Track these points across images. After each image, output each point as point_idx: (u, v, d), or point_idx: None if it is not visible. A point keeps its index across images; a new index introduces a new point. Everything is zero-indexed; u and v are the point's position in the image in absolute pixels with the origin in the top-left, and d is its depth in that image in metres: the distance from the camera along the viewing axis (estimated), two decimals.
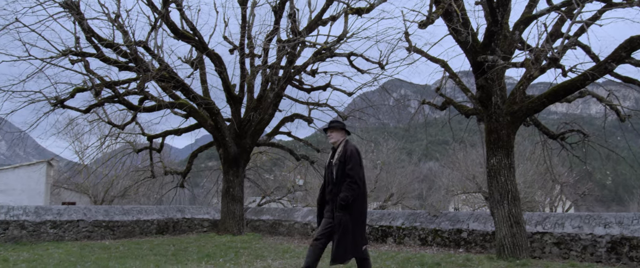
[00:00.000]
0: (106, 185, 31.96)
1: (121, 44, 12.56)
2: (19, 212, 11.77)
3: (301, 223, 13.84)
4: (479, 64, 8.90)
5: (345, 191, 6.44)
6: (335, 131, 6.89)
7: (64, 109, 13.59)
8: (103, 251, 10.21)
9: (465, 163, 35.34)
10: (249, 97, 14.67)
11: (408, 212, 12.75)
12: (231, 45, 14.57)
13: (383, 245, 11.75)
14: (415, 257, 9.37)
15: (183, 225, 14.29)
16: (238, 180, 14.33)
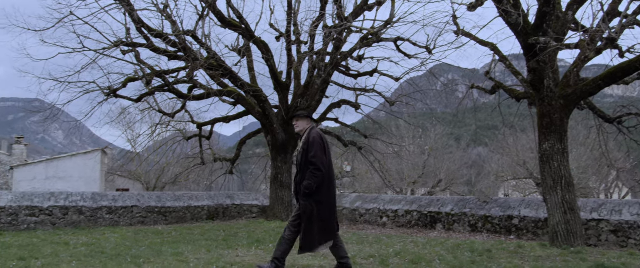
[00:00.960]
0: (158, 172, 32.76)
1: (170, 34, 12.77)
2: (77, 198, 12.19)
3: (349, 209, 13.86)
4: (530, 46, 8.65)
5: (308, 179, 6.40)
6: (299, 120, 6.86)
7: (116, 98, 13.96)
8: (156, 236, 10.48)
9: (515, 149, 34.62)
10: (296, 84, 14.72)
11: (457, 198, 12.60)
12: (277, 32, 14.61)
13: (432, 232, 11.66)
14: (465, 243, 9.26)
15: (233, 211, 14.52)
16: (286, 166, 14.43)
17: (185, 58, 12.94)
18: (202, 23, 13.04)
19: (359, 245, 9.23)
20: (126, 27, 12.96)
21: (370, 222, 13.26)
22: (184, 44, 12.74)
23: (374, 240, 10.03)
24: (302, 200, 6.49)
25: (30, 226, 11.34)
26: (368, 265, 7.11)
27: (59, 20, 12.40)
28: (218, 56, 13.17)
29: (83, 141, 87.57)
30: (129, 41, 13.01)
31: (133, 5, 12.58)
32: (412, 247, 8.96)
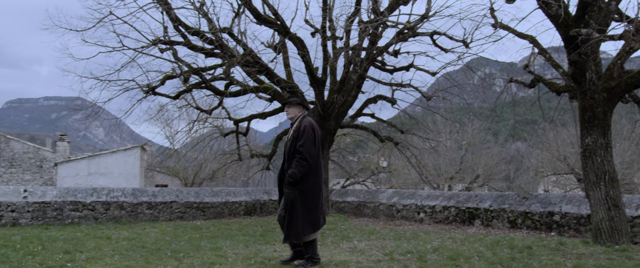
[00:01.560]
0: (195, 168, 33.19)
1: (207, 32, 12.91)
2: (118, 193, 12.46)
3: (386, 204, 13.80)
4: (571, 38, 8.44)
5: (294, 167, 6.36)
6: (292, 107, 6.81)
7: (155, 95, 14.18)
8: (195, 231, 10.62)
9: (555, 144, 33.86)
10: (331, 80, 14.70)
11: (496, 193, 12.42)
12: (312, 28, 14.61)
13: (470, 228, 11.53)
14: (505, 239, 9.12)
15: (270, 206, 14.61)
16: (323, 162, 14.43)
17: (222, 55, 13.07)
18: (238, 20, 13.14)
19: (396, 241, 9.19)
20: (164, 25, 13.15)
21: (407, 217, 13.18)
22: (220, 41, 12.85)
23: (412, 235, 9.97)
24: (285, 189, 6.47)
25: (74, 220, 11.64)
26: (406, 261, 7.06)
27: (99, 20, 12.67)
28: (254, 53, 13.25)
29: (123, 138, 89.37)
30: (166, 39, 13.20)
31: (170, 4, 12.75)
32: (450, 243, 8.88)
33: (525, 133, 55.15)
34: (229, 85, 14.40)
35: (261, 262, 6.89)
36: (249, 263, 6.81)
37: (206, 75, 13.98)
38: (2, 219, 11.00)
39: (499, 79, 16.36)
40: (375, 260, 7.23)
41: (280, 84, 13.70)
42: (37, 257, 6.85)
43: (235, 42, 13.23)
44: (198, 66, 13.89)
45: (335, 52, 14.41)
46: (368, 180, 36.62)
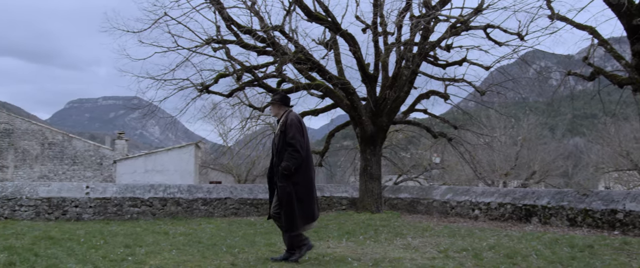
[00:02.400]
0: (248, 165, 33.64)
1: (259, 30, 13.05)
2: (174, 190, 12.75)
3: (440, 201, 13.63)
4: (634, 28, 8.12)
5: (287, 160, 6.33)
6: (274, 106, 6.81)
7: (209, 94, 14.44)
8: (249, 227, 10.76)
9: (617, 139, 32.66)
10: (383, 76, 14.61)
11: (554, 190, 12.06)
12: (363, 24, 14.56)
13: (527, 225, 11.24)
14: (564, 238, 8.84)
15: (322, 203, 14.65)
16: (375, 158, 14.39)
17: (274, 53, 13.18)
18: (289, 18, 13.22)
19: (450, 238, 9.06)
20: (216, 24, 13.36)
21: (461, 214, 12.98)
22: (272, 39, 12.97)
23: (466, 233, 9.81)
24: (279, 182, 6.44)
25: (133, 216, 11.99)
26: (461, 259, 6.95)
27: (154, 21, 12.99)
28: (306, 50, 13.31)
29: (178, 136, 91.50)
30: (219, 38, 13.41)
31: (222, 3, 12.94)
32: (506, 240, 8.68)
33: (584, 128, 53.48)
34: (281, 82, 14.52)
35: (315, 258, 6.91)
36: (303, 259, 6.84)
37: (258, 73, 14.14)
38: (67, 214, 11.44)
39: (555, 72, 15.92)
40: (430, 257, 7.14)
41: (332, 81, 13.72)
42: (100, 251, 7.09)
43: (287, 39, 13.33)
44: (250, 64, 14.05)
45: (386, 48, 14.32)
46: (420, 177, 36.28)
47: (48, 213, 11.36)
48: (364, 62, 14.25)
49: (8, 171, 38.37)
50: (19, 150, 38.88)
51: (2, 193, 11.21)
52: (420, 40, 13.72)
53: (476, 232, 10.00)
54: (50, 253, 6.72)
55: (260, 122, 19.79)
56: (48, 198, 11.45)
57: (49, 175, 38.63)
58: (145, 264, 6.29)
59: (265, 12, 13.18)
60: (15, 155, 38.78)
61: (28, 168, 38.75)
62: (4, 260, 6.10)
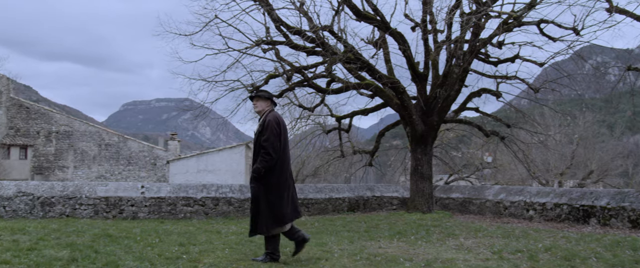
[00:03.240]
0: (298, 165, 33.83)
1: (308, 30, 13.10)
2: (226, 189, 12.95)
3: (492, 201, 13.38)
4: None
5: (258, 163, 6.32)
6: (260, 100, 6.69)
7: None
8: (300, 226, 10.80)
9: None
10: (434, 74, 14.44)
11: (613, 190, 11.64)
12: (412, 22, 14.43)
13: (585, 227, 10.89)
14: (626, 240, 8.52)
15: (373, 202, 14.61)
16: (426, 157, 14.24)
17: (323, 53, 13.21)
18: (337, 18, 13.23)
19: (504, 239, 8.88)
20: (266, 26, 13.49)
21: (515, 215, 12.70)
22: (321, 39, 13.00)
23: (521, 234, 9.59)
24: (250, 183, 6.47)
25: (186, 215, 12.24)
26: (516, 260, 6.80)
27: (205, 24, 13.22)
28: (355, 49, 13.29)
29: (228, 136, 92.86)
30: (269, 40, 13.53)
31: (272, 5, 13.06)
32: (563, 242, 8.44)
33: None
34: (330, 82, 14.54)
35: (367, 258, 6.90)
36: (355, 259, 6.84)
37: (308, 74, 14.20)
38: (123, 213, 11.78)
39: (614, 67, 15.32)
40: (484, 258, 7.02)
41: (381, 80, 13.65)
42: (156, 249, 7.27)
43: (336, 39, 13.34)
44: (300, 64, 14.12)
45: (436, 46, 14.16)
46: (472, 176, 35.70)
47: (106, 211, 11.73)
48: (414, 61, 14.12)
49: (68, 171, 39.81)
50: (78, 151, 40.28)
51: (64, 193, 11.64)
52: (471, 38, 13.49)
53: (531, 233, 9.76)
54: (109, 251, 6.93)
55: (310, 122, 19.88)
56: (106, 198, 11.82)
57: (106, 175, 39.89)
58: (199, 262, 6.41)
59: (314, 12, 13.24)
60: (74, 155, 40.21)
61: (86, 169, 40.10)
62: (67, 256, 6.34)
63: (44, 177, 38.72)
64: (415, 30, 14.53)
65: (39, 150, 39.60)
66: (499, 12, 13.18)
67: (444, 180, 33.92)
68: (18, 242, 7.46)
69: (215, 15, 13.11)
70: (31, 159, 39.26)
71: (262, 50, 13.76)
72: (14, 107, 39.77)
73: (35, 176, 38.77)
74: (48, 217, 11.21)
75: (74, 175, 39.50)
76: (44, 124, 40.02)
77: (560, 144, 36.69)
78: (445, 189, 15.75)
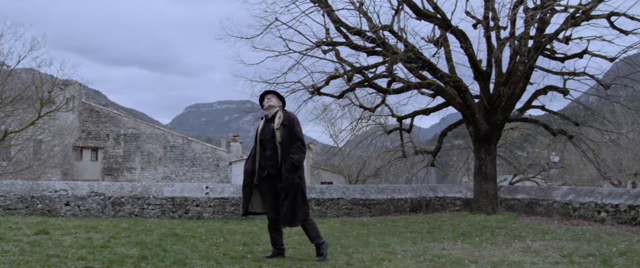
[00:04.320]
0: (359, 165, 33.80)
1: (368, 31, 13.05)
2: None
3: (561, 202, 12.92)
4: None
5: (296, 153, 6.46)
6: (274, 96, 6.86)
7: (320, 96, 14.65)
8: (362, 227, 10.79)
9: None
10: (497, 72, 14.10)
11: None
12: (474, 19, 14.14)
13: None
14: None
15: (435, 203, 14.41)
16: (490, 157, 13.92)
17: (384, 53, 13.13)
18: (397, 17, 13.13)
19: (574, 242, 8.56)
20: (325, 27, 13.55)
21: (585, 217, 12.22)
22: (381, 39, 12.93)
23: (592, 237, 9.22)
24: (287, 174, 6.42)
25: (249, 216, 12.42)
26: (587, 264, 6.55)
27: (266, 26, 13.41)
28: (416, 49, 13.15)
29: None
30: (329, 41, 13.58)
31: (331, 6, 13.09)
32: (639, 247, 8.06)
33: None
34: (391, 82, 14.45)
35: (430, 260, 6.80)
36: (418, 260, 6.76)
37: (368, 74, 14.15)
38: (189, 213, 12.08)
39: None
40: (552, 262, 6.79)
41: (443, 79, 13.44)
42: (221, 248, 7.41)
43: (396, 39, 13.23)
44: (360, 65, 14.10)
45: (500, 43, 13.82)
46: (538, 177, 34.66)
47: (172, 211, 12.06)
48: (476, 59, 13.84)
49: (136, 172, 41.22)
50: (144, 152, 41.64)
51: (133, 193, 12.04)
52: (536, 33, 13.10)
53: (603, 236, 9.37)
54: (176, 249, 7.12)
55: (370, 122, 19.82)
56: (172, 198, 12.15)
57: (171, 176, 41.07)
58: (264, 262, 6.49)
59: (373, 12, 13.18)
60: (141, 157, 41.59)
61: (153, 170, 41.41)
62: (137, 254, 6.56)
63: (114, 177, 40.27)
64: (476, 27, 14.24)
65: (108, 152, 41.21)
66: (565, 6, 12.75)
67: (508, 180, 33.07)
68: (92, 240, 7.78)
69: (276, 17, 13.28)
70: (101, 161, 40.92)
71: (323, 51, 13.83)
72: (86, 111, 41.58)
73: (105, 177, 40.40)
74: (118, 216, 11.62)
75: (141, 176, 40.89)
76: (113, 127, 41.64)
77: (634, 143, 35.05)
78: (510, 190, 15.34)
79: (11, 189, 11.52)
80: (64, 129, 35.91)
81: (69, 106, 37.66)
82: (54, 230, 8.59)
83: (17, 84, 24.36)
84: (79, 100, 40.83)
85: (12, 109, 23.34)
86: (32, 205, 11.40)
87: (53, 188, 11.73)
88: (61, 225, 9.34)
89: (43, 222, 9.85)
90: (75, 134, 39.72)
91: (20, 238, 7.71)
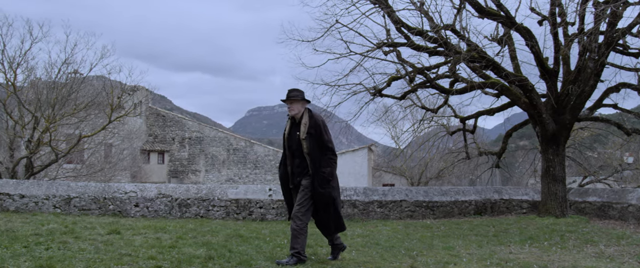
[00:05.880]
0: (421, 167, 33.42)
1: (429, 30, 12.87)
2: (350, 192, 13.05)
3: (637, 206, 12.32)
4: None
5: (327, 165, 6.40)
6: (296, 102, 6.47)
7: (381, 97, 14.57)
8: (425, 230, 10.64)
9: None
10: (565, 70, 13.59)
11: None
12: (539, 16, 13.70)
13: None
14: None
15: (501, 206, 14.03)
16: (558, 159, 13.44)
17: (446, 53, 12.92)
18: (459, 16, 12.88)
19: None
20: (386, 28, 13.45)
21: None
22: (444, 39, 12.72)
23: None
24: (321, 189, 6.32)
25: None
26: None
27: (326, 29, 13.45)
28: (479, 48, 12.87)
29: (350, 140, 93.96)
30: (390, 42, 13.47)
31: (392, 6, 12.99)
32: None
33: None
34: (454, 82, 14.20)
35: (497, 264, 6.64)
36: (485, 264, 6.61)
37: (430, 74, 13.96)
38: (252, 214, 12.26)
39: None
40: None
41: (508, 78, 13.08)
42: (285, 249, 7.48)
43: (459, 38, 12.99)
44: (422, 65, 13.93)
45: (567, 40, 13.33)
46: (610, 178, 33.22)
47: (236, 213, 12.27)
48: (542, 56, 13.39)
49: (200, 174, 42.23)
50: (208, 155, 42.61)
51: (198, 195, 12.34)
52: (607, 28, 12.55)
53: None
54: (241, 250, 7.24)
55: (433, 123, 19.57)
56: (236, 200, 12.36)
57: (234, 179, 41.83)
58: (327, 264, 6.50)
59: (435, 11, 13.00)
60: (205, 160, 42.57)
61: (216, 172, 42.30)
62: (204, 255, 6.71)
63: (179, 180, 41.39)
64: (542, 24, 13.79)
65: (174, 155, 42.41)
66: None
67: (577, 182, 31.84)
68: (160, 240, 8.02)
69: (336, 20, 13.30)
70: (167, 164, 42.15)
71: (384, 52, 13.73)
72: (152, 115, 42.97)
73: (171, 179, 41.57)
74: (185, 217, 11.92)
75: (205, 179, 41.85)
76: (178, 131, 42.83)
77: None
78: (580, 192, 14.76)
79: (85, 191, 12.03)
80: (133, 133, 37.22)
81: (137, 111, 39.02)
82: (125, 230, 8.91)
83: (90, 90, 25.45)
84: (146, 105, 42.23)
85: (85, 115, 24.41)
86: (104, 206, 11.87)
87: (123, 190, 12.17)
88: (131, 226, 9.67)
89: (115, 222, 10.23)
90: (142, 137, 41.09)
91: (95, 237, 8.04)
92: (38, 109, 22.10)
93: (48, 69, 24.17)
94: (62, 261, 6.00)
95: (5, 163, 21.84)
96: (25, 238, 7.59)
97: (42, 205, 11.75)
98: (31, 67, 23.95)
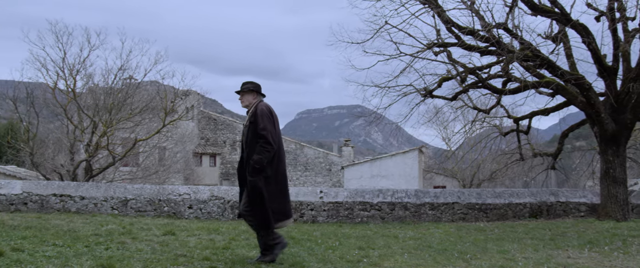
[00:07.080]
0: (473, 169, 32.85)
1: (481, 30, 12.63)
2: (402, 194, 12.93)
3: None
4: None
5: (258, 153, 5.90)
6: (245, 94, 6.28)
7: (432, 98, 14.38)
8: (479, 233, 10.43)
9: None
10: (625, 67, 13.09)
11: None
12: (596, 11, 13.24)
13: None
14: None
15: (557, 208, 13.62)
16: (619, 160, 12.94)
17: (498, 52, 12.65)
18: (511, 14, 12.60)
19: None
20: (436, 28, 13.28)
21: None
22: (495, 38, 12.46)
23: None
24: (250, 176, 5.98)
25: (363, 219, 12.44)
26: None
27: (376, 31, 13.39)
28: (533, 46, 12.54)
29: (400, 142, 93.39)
30: (440, 42, 13.30)
31: (442, 6, 12.81)
32: None
33: None
34: (506, 82, 13.88)
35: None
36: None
37: (482, 74, 13.70)
38: (303, 216, 12.31)
39: None
40: None
41: (563, 77, 12.70)
42: (337, 252, 7.47)
43: (511, 36, 12.70)
44: (474, 65, 13.68)
45: (627, 36, 12.83)
46: None
47: None
48: (600, 54, 12.94)
49: None
50: None
51: None
52: None
53: None
54: (293, 252, 7.26)
55: (485, 124, 19.18)
56: None
57: None
58: (380, 266, 6.46)
59: (486, 10, 12.78)
60: None
61: None
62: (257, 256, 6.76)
63: (231, 182, 41.99)
64: (600, 20, 13.32)
65: (225, 158, 43.06)
66: None
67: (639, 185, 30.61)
68: (214, 241, 8.15)
69: (386, 21, 13.23)
70: (219, 166, 42.83)
71: (434, 53, 13.57)
72: (204, 119, 43.78)
73: (222, 182, 42.22)
74: (237, 219, 12.07)
75: None
76: (229, 134, 43.48)
77: None
78: None
79: (141, 193, 12.35)
80: (185, 136, 37.99)
81: (190, 115, 39.83)
82: (180, 232, 9.09)
83: (144, 95, 26.13)
84: (198, 109, 43.06)
85: (140, 119, 25.09)
86: (159, 208, 12.15)
87: (177, 192, 12.43)
88: (186, 227, 9.86)
89: (169, 223, 10.46)
90: (195, 141, 41.89)
91: (151, 238, 8.24)
92: (96, 114, 22.87)
93: (105, 75, 24.94)
94: (121, 261, 6.16)
95: (66, 166, 22.66)
96: (86, 238, 7.84)
97: (101, 206, 12.12)
98: (89, 74, 24.81)
